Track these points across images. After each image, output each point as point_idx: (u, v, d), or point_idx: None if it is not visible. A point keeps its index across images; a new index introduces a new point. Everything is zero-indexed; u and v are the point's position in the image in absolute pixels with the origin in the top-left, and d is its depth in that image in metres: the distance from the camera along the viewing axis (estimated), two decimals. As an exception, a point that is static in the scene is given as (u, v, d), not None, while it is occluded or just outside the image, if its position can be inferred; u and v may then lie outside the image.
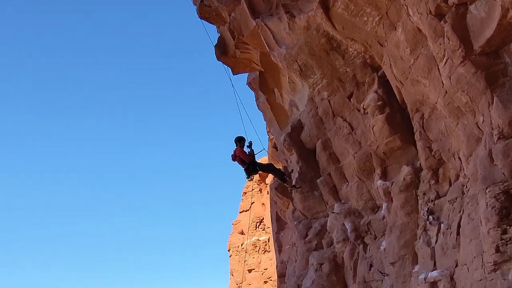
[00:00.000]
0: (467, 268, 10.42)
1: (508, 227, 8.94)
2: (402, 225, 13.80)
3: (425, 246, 12.77)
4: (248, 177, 19.46)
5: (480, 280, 9.72)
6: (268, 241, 66.12)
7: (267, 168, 20.11)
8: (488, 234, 9.22)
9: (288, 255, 25.36)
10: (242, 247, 73.05)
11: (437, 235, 12.44)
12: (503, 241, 8.91)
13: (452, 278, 11.27)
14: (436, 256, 12.28)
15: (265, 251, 67.89)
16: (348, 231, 16.26)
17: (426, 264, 12.54)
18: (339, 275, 16.45)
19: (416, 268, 13.06)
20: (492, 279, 9.19)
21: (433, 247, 12.48)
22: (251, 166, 18.79)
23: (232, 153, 19.09)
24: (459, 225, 11.18)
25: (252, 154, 19.07)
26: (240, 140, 19.10)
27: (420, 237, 13.13)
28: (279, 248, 32.32)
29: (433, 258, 12.34)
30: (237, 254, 74.51)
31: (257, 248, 69.91)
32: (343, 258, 16.50)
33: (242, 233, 75.56)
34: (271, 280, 61.42)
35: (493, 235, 9.08)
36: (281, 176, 19.15)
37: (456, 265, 11.14)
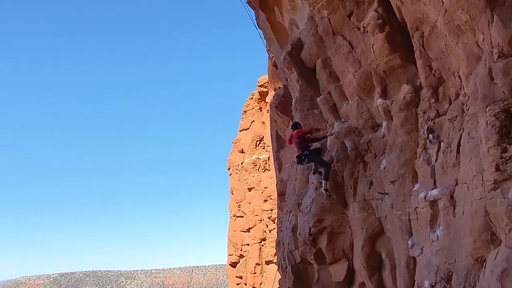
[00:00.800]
0: (467, 186, 10.52)
1: (508, 145, 8.99)
2: (402, 144, 13.85)
3: (425, 164, 12.85)
4: (300, 164, 17.68)
5: (480, 198, 9.83)
6: (268, 160, 66.55)
7: (322, 163, 17.18)
8: (488, 152, 9.28)
9: (288, 173, 25.52)
10: (242, 165, 73.59)
11: (437, 153, 12.50)
12: (503, 159, 8.98)
13: (452, 197, 11.38)
14: (436, 175, 12.37)
15: (265, 170, 68.38)
16: (348, 149, 16.33)
17: (426, 183, 12.65)
18: (339, 193, 16.56)
19: (416, 186, 13.17)
20: (492, 198, 9.29)
21: (433, 165, 12.55)
22: (308, 152, 17.12)
23: (290, 135, 17.81)
24: (459, 144, 11.23)
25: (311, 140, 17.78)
26: (297, 126, 17.87)
27: (420, 155, 13.19)
28: (279, 167, 32.54)
29: (433, 177, 12.43)
30: (237, 172, 75.10)
31: (257, 166, 70.40)
32: (343, 176, 16.59)
33: (242, 151, 76.07)
34: (271, 198, 62.08)
35: (493, 153, 9.15)
36: (326, 176, 16.79)
37: (456, 184, 11.23)
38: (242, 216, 73.25)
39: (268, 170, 67.01)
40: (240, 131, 79.29)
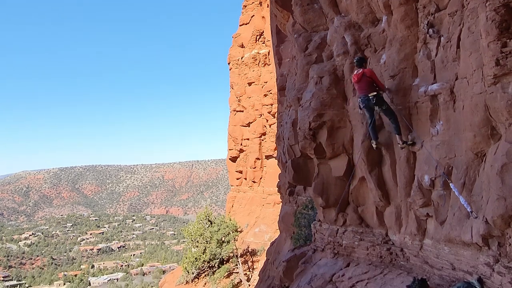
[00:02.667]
0: (467, 81, 10.53)
1: (508, 40, 8.98)
2: (402, 38, 13.74)
3: (425, 59, 12.80)
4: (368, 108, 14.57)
5: (480, 93, 9.88)
6: (268, 54, 66.38)
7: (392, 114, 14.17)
8: (488, 47, 9.27)
9: (288, 68, 25.52)
10: (242, 60, 73.40)
11: (437, 48, 12.43)
12: (503, 54, 8.98)
13: (452, 91, 11.40)
14: (436, 69, 12.35)
15: (265, 64, 68.28)
16: (348, 44, 16.21)
17: (426, 77, 12.64)
18: (339, 88, 16.61)
19: (416, 81, 13.17)
20: (492, 92, 9.33)
21: (433, 60, 12.51)
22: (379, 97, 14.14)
23: (358, 73, 14.48)
24: (459, 38, 11.16)
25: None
26: (364, 61, 15.18)
27: (420, 50, 13.13)
28: (279, 61, 32.52)
29: (433, 71, 12.42)
30: (237, 67, 75.04)
31: (257, 61, 70.26)
32: (343, 71, 16.59)
33: (242, 46, 75.77)
34: (271, 93, 62.27)
35: (493, 48, 9.14)
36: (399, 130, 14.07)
37: (456, 78, 11.23)
38: (242, 111, 73.70)
39: (268, 65, 66.92)
40: (240, 25, 78.76)
